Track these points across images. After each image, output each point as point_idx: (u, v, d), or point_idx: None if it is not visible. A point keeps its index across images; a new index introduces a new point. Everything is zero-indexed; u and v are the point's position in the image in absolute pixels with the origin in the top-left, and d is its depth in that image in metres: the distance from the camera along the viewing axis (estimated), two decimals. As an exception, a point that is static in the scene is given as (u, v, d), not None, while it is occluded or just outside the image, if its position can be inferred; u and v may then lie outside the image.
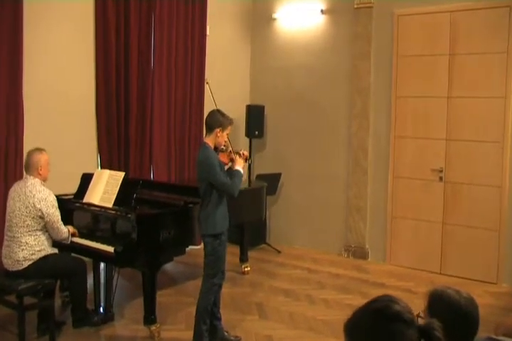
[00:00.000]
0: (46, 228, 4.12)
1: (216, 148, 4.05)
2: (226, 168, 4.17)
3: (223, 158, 4.12)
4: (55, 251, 4.26)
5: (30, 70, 5.20)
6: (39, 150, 4.20)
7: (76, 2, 5.59)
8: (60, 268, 4.17)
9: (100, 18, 5.73)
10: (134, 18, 5.95)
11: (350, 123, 6.69)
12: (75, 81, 5.67)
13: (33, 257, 4.05)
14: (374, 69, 6.49)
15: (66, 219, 4.34)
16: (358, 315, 1.43)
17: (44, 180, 4.19)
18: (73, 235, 4.36)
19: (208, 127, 4.03)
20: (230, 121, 4.05)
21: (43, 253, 4.09)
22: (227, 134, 4.06)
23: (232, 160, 4.19)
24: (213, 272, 4.04)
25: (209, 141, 4.01)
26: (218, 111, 4.05)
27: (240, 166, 4.12)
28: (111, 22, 5.76)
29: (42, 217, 4.06)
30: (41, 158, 4.15)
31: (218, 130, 3.98)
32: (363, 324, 1.40)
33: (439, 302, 1.93)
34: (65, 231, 4.20)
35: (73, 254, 4.42)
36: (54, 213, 4.09)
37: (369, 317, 1.40)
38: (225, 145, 4.12)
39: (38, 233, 4.09)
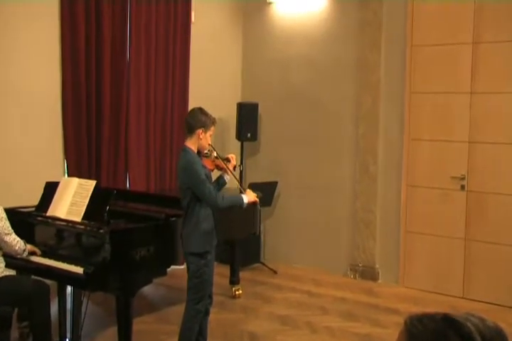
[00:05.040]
0: None
1: (199, 153, 4.06)
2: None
3: (208, 163, 4.15)
4: (12, 272, 4.20)
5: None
6: None
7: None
8: (18, 293, 4.09)
9: (66, 2, 5.69)
10: (107, 2, 5.92)
11: (357, 123, 6.70)
12: (37, 77, 5.64)
13: (-15, 280, 4.00)
14: (385, 62, 6.50)
15: (26, 236, 4.30)
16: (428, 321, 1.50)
17: None
18: (33, 254, 4.30)
19: (188, 128, 4.10)
20: (213, 121, 4.13)
21: None
22: (211, 136, 4.10)
23: (218, 167, 4.20)
24: (197, 297, 4.05)
25: (190, 144, 4.07)
26: (200, 109, 4.14)
27: (248, 197, 4.19)
28: (79, 6, 5.71)
29: None
30: None
31: (200, 131, 4.05)
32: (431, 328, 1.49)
33: None
34: (18, 240, 4.16)
35: (34, 277, 4.36)
36: (4, 226, 4.09)
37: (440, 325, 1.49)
38: (209, 150, 4.14)
39: None
